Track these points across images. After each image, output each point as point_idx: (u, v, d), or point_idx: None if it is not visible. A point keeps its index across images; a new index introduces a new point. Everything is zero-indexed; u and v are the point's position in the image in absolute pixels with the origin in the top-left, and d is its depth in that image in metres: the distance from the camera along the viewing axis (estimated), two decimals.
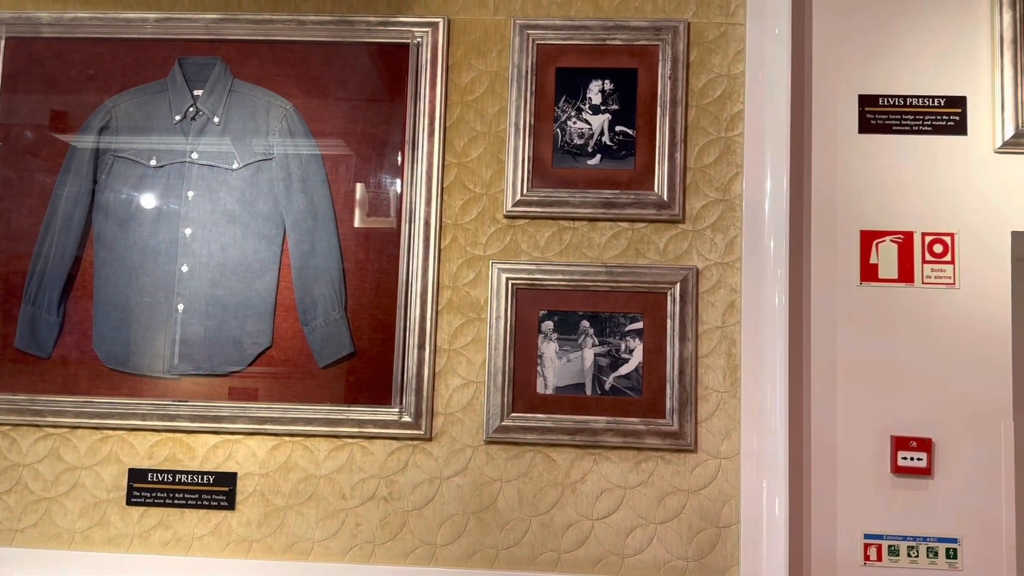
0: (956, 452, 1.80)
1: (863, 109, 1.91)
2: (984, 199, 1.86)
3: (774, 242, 1.83)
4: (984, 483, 1.79)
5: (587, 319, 1.86)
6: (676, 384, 1.83)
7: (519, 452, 1.85)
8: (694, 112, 1.91)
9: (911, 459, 1.81)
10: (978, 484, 1.79)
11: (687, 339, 1.84)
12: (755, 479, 1.79)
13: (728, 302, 1.86)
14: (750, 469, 1.80)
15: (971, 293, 1.84)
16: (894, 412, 1.82)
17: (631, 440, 1.82)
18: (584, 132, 1.90)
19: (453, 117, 1.94)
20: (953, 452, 1.80)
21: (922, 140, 1.89)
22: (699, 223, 1.89)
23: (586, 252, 1.89)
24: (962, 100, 1.89)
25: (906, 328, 1.84)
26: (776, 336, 1.80)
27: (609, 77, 1.91)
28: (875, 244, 1.88)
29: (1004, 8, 1.88)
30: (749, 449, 1.81)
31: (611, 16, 1.94)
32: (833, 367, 1.84)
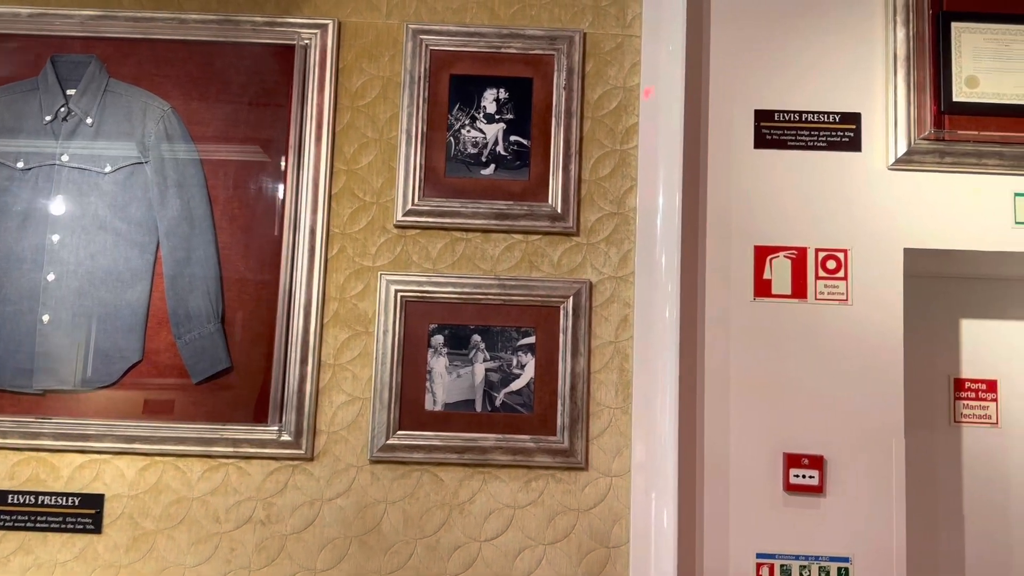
0: (848, 469, 1.79)
1: (759, 124, 1.90)
2: (877, 216, 1.86)
3: (666, 256, 1.80)
4: (875, 501, 1.78)
5: (479, 333, 1.80)
6: (568, 400, 1.78)
7: (405, 472, 1.78)
8: (590, 124, 1.88)
9: (803, 476, 1.79)
10: (869, 502, 1.78)
11: (580, 354, 1.79)
12: (645, 497, 1.75)
13: (621, 316, 1.82)
14: (640, 487, 1.76)
15: (864, 310, 1.83)
16: (787, 429, 1.80)
17: (521, 458, 1.76)
18: (478, 141, 1.85)
19: (343, 122, 1.87)
20: (845, 469, 1.79)
21: (817, 156, 1.89)
22: (594, 236, 1.85)
23: (479, 264, 1.84)
24: (856, 117, 1.90)
25: (799, 344, 1.82)
26: (667, 351, 1.77)
27: (504, 86, 1.87)
28: (769, 259, 1.87)
29: (898, 26, 1.89)
30: (640, 466, 1.77)
31: (507, 24, 1.90)
32: (727, 383, 1.82)
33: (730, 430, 1.80)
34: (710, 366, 1.82)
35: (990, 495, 2.16)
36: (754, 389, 1.81)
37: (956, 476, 2.17)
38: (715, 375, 1.82)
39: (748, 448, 1.79)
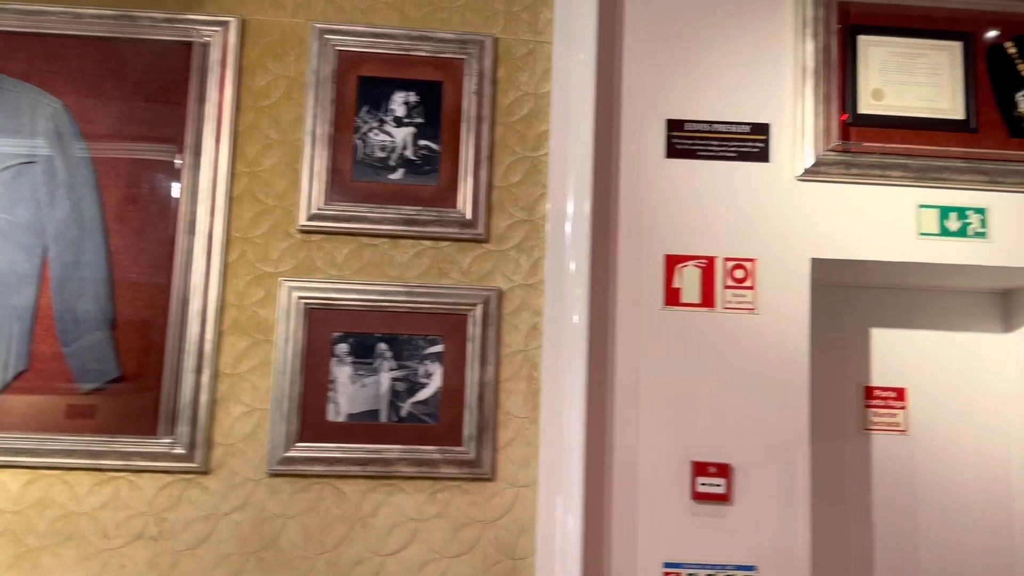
0: (755, 477, 1.79)
1: (670, 134, 1.90)
2: (785, 226, 1.88)
3: (576, 264, 1.78)
4: (781, 509, 1.79)
5: (385, 342, 1.76)
6: (475, 410, 1.75)
7: (305, 485, 1.72)
8: (501, 129, 1.85)
9: (710, 485, 1.79)
10: (775, 510, 1.79)
11: (488, 363, 1.76)
12: (552, 508, 1.73)
13: (531, 325, 1.80)
14: (547, 497, 1.74)
15: (770, 319, 1.84)
16: (695, 437, 1.80)
17: (426, 470, 1.73)
18: (387, 145, 1.81)
19: (245, 123, 1.81)
20: (752, 477, 1.79)
21: (727, 166, 1.89)
22: (504, 243, 1.82)
23: (387, 271, 1.79)
24: (766, 127, 1.91)
25: (707, 353, 1.82)
26: (576, 360, 1.75)
27: (414, 89, 1.83)
28: (679, 268, 1.86)
29: (807, 39, 1.91)
30: (547, 477, 1.75)
31: (417, 26, 1.86)
32: (636, 391, 1.81)
33: (639, 438, 1.79)
34: (620, 374, 1.81)
35: (899, 501, 2.20)
36: (663, 397, 1.81)
37: (866, 483, 2.20)
38: (625, 383, 1.81)
39: (657, 456, 1.79)
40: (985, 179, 1.89)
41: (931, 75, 1.91)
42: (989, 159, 1.89)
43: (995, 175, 1.88)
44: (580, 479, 1.71)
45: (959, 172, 1.88)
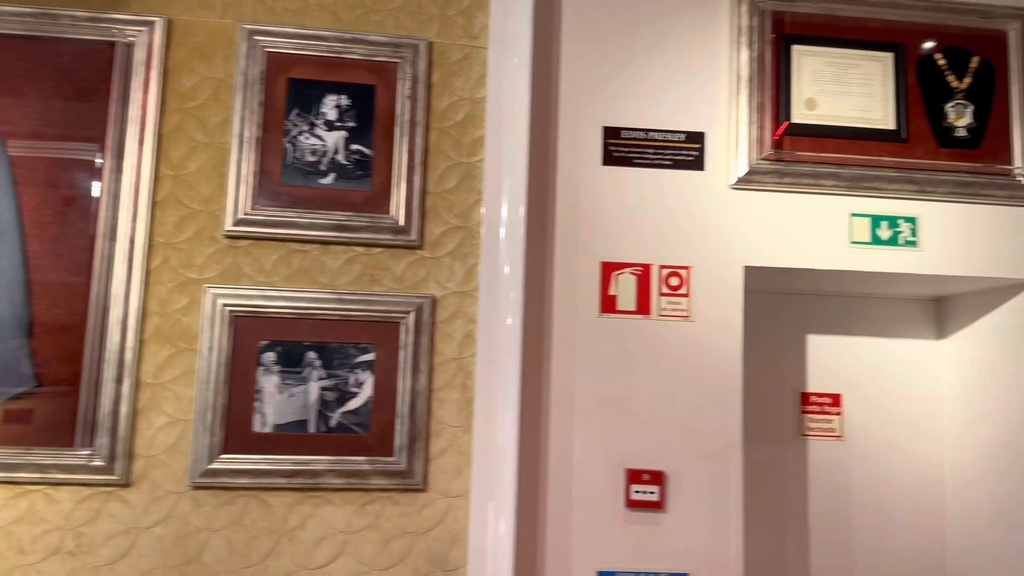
0: (688, 484, 1.79)
1: (607, 141, 1.89)
2: (720, 234, 1.88)
3: (510, 271, 1.76)
4: (714, 516, 1.79)
5: (314, 350, 1.72)
6: (407, 419, 1.72)
7: (230, 498, 1.68)
8: (435, 134, 1.83)
9: (644, 492, 1.79)
10: (709, 516, 1.79)
11: (420, 371, 1.74)
12: (484, 518, 1.71)
13: (465, 332, 1.78)
14: (479, 507, 1.72)
15: (705, 326, 1.84)
16: (630, 444, 1.79)
17: (356, 481, 1.69)
18: (317, 149, 1.77)
19: (170, 125, 1.76)
20: (685, 484, 1.79)
21: (663, 174, 1.89)
22: (438, 250, 1.80)
23: (317, 278, 1.76)
24: (701, 136, 1.92)
25: (642, 360, 1.82)
26: (510, 367, 1.73)
27: (346, 92, 1.80)
28: (615, 275, 1.86)
29: (742, 48, 1.92)
30: (480, 486, 1.73)
31: (349, 28, 1.83)
32: (572, 399, 1.79)
33: (574, 446, 1.78)
34: (555, 382, 1.80)
35: (834, 506, 2.22)
36: (598, 405, 1.80)
37: (802, 488, 2.22)
38: (560, 391, 1.79)
39: (591, 464, 1.78)
40: (915, 188, 1.91)
41: (863, 85, 1.93)
42: (919, 169, 1.92)
43: (925, 185, 1.91)
44: (513, 488, 1.69)
45: (890, 181, 1.91)
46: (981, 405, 2.11)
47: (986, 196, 1.93)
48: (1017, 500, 1.96)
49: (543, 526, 1.75)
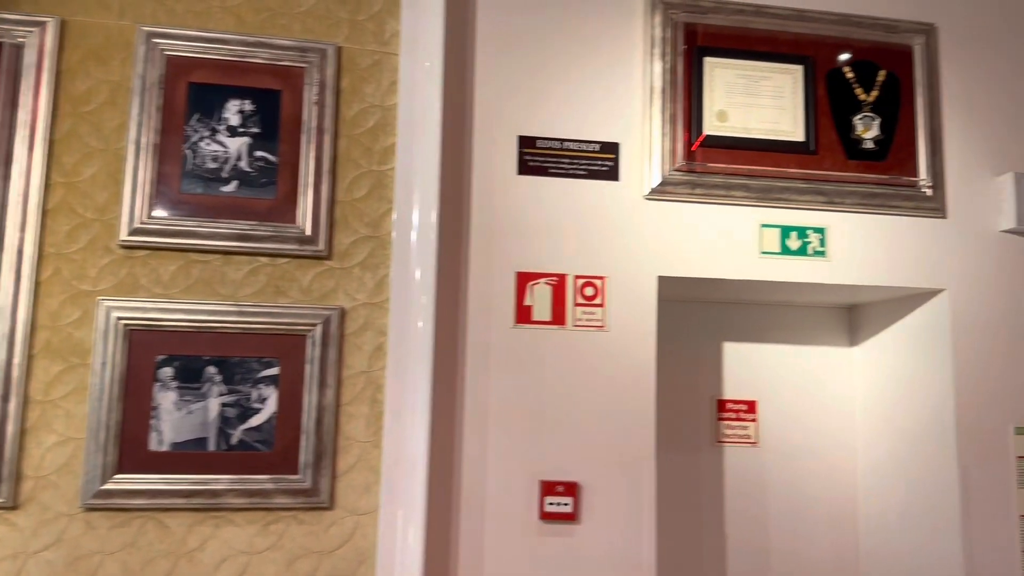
0: (602, 494, 1.78)
1: (522, 150, 1.88)
2: (634, 244, 1.88)
3: (423, 281, 1.73)
4: (628, 525, 1.79)
5: (214, 365, 1.66)
6: (313, 436, 1.67)
7: (125, 519, 1.61)
8: (345, 142, 1.78)
9: (558, 504, 1.77)
10: (622, 526, 1.78)
11: (327, 386, 1.69)
12: (393, 535, 1.67)
13: (376, 345, 1.74)
14: (388, 524, 1.68)
15: (619, 336, 1.84)
16: (544, 456, 1.78)
17: (258, 500, 1.64)
18: (219, 155, 1.72)
19: (63, 130, 1.68)
20: (599, 495, 1.78)
21: (578, 184, 1.88)
22: (348, 260, 1.75)
23: (219, 289, 1.70)
24: (615, 146, 1.91)
25: (557, 370, 1.81)
26: (421, 380, 1.70)
27: (250, 97, 1.74)
28: (530, 286, 1.84)
29: (655, 59, 1.92)
30: (389, 502, 1.69)
31: (254, 32, 1.77)
32: (486, 411, 1.77)
33: (487, 459, 1.76)
34: (469, 394, 1.77)
35: (750, 512, 2.24)
36: (513, 416, 1.78)
37: (719, 495, 2.24)
38: (474, 403, 1.77)
39: (505, 477, 1.76)
40: (824, 200, 1.94)
41: (774, 98, 1.96)
42: (828, 180, 1.95)
43: (833, 196, 1.94)
44: (423, 503, 1.66)
45: (799, 193, 1.93)
46: (891, 411, 2.16)
47: (893, 207, 1.97)
48: (926, 506, 2.01)
49: (455, 541, 1.73)
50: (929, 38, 2.05)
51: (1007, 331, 1.97)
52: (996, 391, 1.95)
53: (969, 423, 1.93)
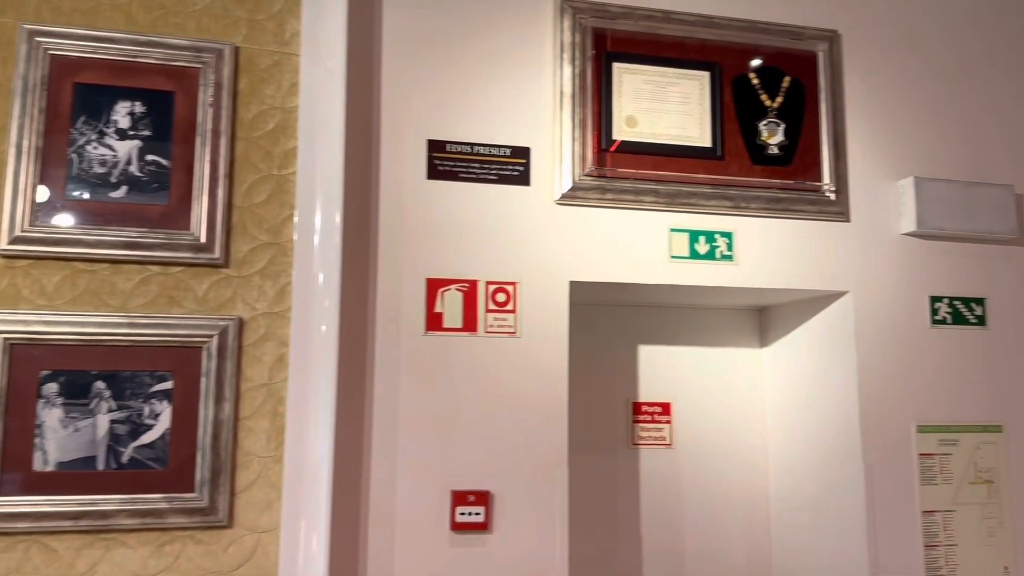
0: (514, 503, 1.76)
1: (432, 154, 1.84)
2: (545, 249, 1.87)
3: (324, 279, 1.68)
4: (541, 532, 1.77)
5: (103, 380, 1.58)
6: (209, 452, 1.61)
7: (8, 544, 1.52)
8: (243, 145, 1.72)
9: (469, 514, 1.75)
10: (534, 535, 1.77)
11: (225, 399, 1.63)
12: (296, 552, 1.62)
13: (277, 356, 1.68)
14: (291, 541, 1.63)
15: (531, 342, 1.83)
16: (455, 465, 1.75)
17: (152, 520, 1.57)
18: (107, 159, 1.63)
19: None
20: (512, 503, 1.76)
21: (488, 189, 1.86)
22: (246, 268, 1.69)
23: (108, 300, 1.62)
24: (526, 151, 1.90)
25: (469, 378, 1.78)
26: (325, 391, 1.65)
27: (141, 99, 1.67)
28: (441, 292, 1.81)
29: (564, 64, 1.91)
30: (291, 519, 1.64)
31: (146, 31, 1.70)
32: (395, 420, 1.73)
33: (397, 470, 1.72)
34: (378, 403, 1.73)
35: (665, 513, 2.26)
36: (424, 425, 1.74)
37: (634, 497, 2.24)
38: (383, 412, 1.73)
39: (416, 488, 1.72)
40: (731, 204, 1.96)
41: (681, 103, 1.97)
42: (734, 185, 1.97)
43: (740, 201, 1.96)
44: (326, 518, 1.61)
45: (707, 198, 1.95)
46: (799, 412, 2.20)
47: (797, 211, 2.00)
48: (834, 503, 2.05)
49: (363, 557, 1.68)
50: (833, 45, 2.09)
51: (908, 331, 2.03)
52: (898, 390, 2.00)
53: (873, 422, 1.98)
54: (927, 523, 1.97)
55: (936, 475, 1.99)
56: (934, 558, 1.95)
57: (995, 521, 2.01)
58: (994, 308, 2.10)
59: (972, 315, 2.08)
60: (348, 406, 1.69)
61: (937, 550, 1.96)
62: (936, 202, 2.02)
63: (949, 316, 2.06)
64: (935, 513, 1.97)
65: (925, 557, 1.96)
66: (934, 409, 2.02)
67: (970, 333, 2.08)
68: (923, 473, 1.99)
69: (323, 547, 1.60)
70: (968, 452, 2.02)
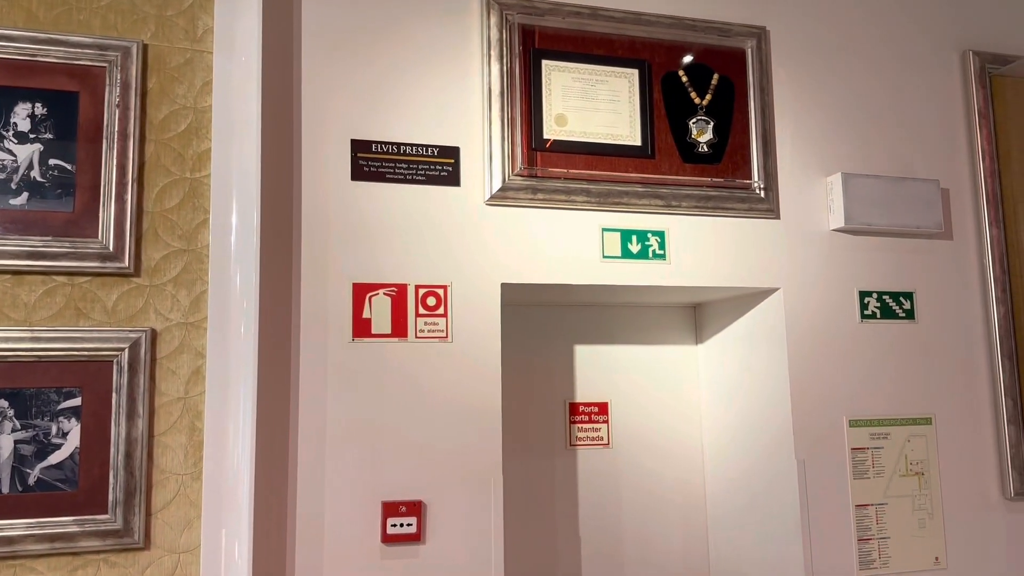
0: (448, 511, 1.72)
1: (356, 155, 1.78)
2: (476, 251, 1.83)
3: (245, 297, 1.61)
4: (475, 540, 1.73)
5: (5, 398, 1.49)
6: (122, 471, 1.53)
7: None
8: (153, 147, 1.64)
9: (401, 525, 1.70)
10: (469, 544, 1.73)
11: (138, 415, 1.55)
12: (217, 572, 1.55)
13: (193, 368, 1.61)
14: (212, 562, 1.56)
15: (463, 346, 1.78)
16: (386, 475, 1.70)
17: (62, 545, 1.49)
18: (7, 164, 1.54)
19: None
20: (445, 512, 1.72)
21: (417, 190, 1.81)
22: (158, 277, 1.61)
23: (9, 313, 1.52)
24: (455, 151, 1.85)
25: (400, 385, 1.73)
26: (245, 403, 1.58)
27: (42, 100, 1.57)
28: (368, 297, 1.75)
29: (492, 61, 1.87)
30: (212, 538, 1.57)
31: (47, 28, 1.60)
32: (323, 432, 1.67)
33: (325, 482, 1.66)
34: (304, 413, 1.67)
35: (603, 513, 2.24)
36: (353, 435, 1.69)
37: (572, 498, 2.22)
38: (309, 424, 1.67)
39: (345, 500, 1.67)
40: (662, 203, 1.95)
41: (611, 101, 1.95)
42: (665, 184, 1.96)
43: (671, 199, 1.95)
44: (248, 536, 1.55)
45: (638, 196, 1.93)
46: (733, 408, 2.20)
47: (728, 209, 2.00)
48: (768, 499, 2.06)
49: (289, 572, 1.62)
50: (761, 41, 2.09)
51: (837, 327, 2.05)
52: (829, 385, 2.02)
53: (805, 417, 1.99)
54: (860, 516, 1.99)
55: (868, 469, 2.01)
56: (867, 551, 1.98)
57: (926, 513, 2.04)
58: (922, 302, 2.13)
59: (901, 309, 2.11)
60: (270, 418, 1.63)
61: (870, 543, 1.98)
62: (864, 198, 2.04)
63: (878, 310, 2.08)
64: (867, 507, 1.99)
65: (859, 550, 1.97)
66: (865, 403, 2.04)
67: (899, 327, 2.11)
68: (855, 467, 2.01)
69: (246, 566, 1.54)
70: (899, 445, 2.05)
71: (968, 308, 2.17)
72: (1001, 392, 2.12)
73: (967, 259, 2.19)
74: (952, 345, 2.14)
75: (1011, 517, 2.12)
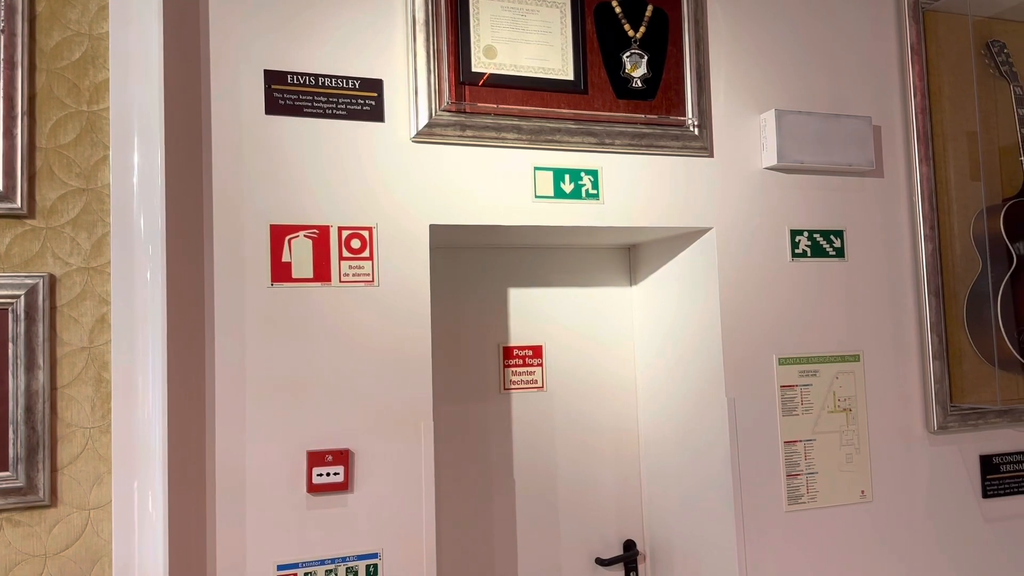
0: (377, 460, 1.68)
1: (270, 87, 1.67)
2: (403, 191, 1.75)
3: (150, 239, 1.51)
4: (406, 488, 1.70)
5: None
6: (23, 426, 1.43)
7: None
8: (45, 77, 1.50)
9: (327, 475, 1.65)
10: (399, 491, 1.69)
11: (38, 367, 1.45)
12: (130, 528, 1.48)
13: (98, 316, 1.51)
14: (125, 517, 1.48)
15: (390, 290, 1.72)
16: (311, 424, 1.64)
17: None
18: None
19: None
20: (373, 460, 1.67)
21: (338, 125, 1.71)
22: (56, 219, 1.49)
23: None
24: (379, 84, 1.75)
25: (323, 332, 1.66)
26: (155, 351, 1.49)
27: None
28: (288, 240, 1.67)
29: None
30: (124, 492, 1.49)
31: None
32: (242, 381, 1.60)
33: (246, 433, 1.59)
34: (221, 363, 1.59)
35: (538, 458, 2.23)
36: (275, 384, 1.62)
37: (507, 442, 2.20)
38: (228, 374, 1.59)
39: (267, 450, 1.60)
40: (595, 141, 1.89)
41: (542, 33, 1.86)
42: (598, 121, 1.90)
43: (604, 137, 1.90)
44: (163, 490, 1.48)
45: (571, 134, 1.87)
46: (665, 348, 2.20)
47: (661, 147, 1.95)
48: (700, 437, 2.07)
49: (210, 526, 1.56)
50: None
51: (768, 266, 2.04)
52: (759, 324, 2.02)
53: (735, 356, 1.99)
54: (788, 453, 2.01)
55: (797, 406, 2.03)
56: (795, 486, 2.01)
57: (853, 448, 2.08)
58: (852, 240, 2.14)
59: (831, 247, 2.11)
60: (183, 367, 1.55)
61: (799, 479, 2.01)
62: (797, 135, 2.02)
63: (809, 249, 2.08)
64: (796, 443, 2.02)
65: (787, 486, 2.01)
66: (794, 341, 2.05)
67: (829, 265, 2.11)
68: (784, 404, 2.03)
69: (161, 521, 1.47)
70: (827, 382, 2.07)
71: (897, 246, 2.18)
72: (927, 328, 2.16)
73: (897, 197, 2.20)
74: (881, 283, 2.16)
75: (934, 450, 2.18)
